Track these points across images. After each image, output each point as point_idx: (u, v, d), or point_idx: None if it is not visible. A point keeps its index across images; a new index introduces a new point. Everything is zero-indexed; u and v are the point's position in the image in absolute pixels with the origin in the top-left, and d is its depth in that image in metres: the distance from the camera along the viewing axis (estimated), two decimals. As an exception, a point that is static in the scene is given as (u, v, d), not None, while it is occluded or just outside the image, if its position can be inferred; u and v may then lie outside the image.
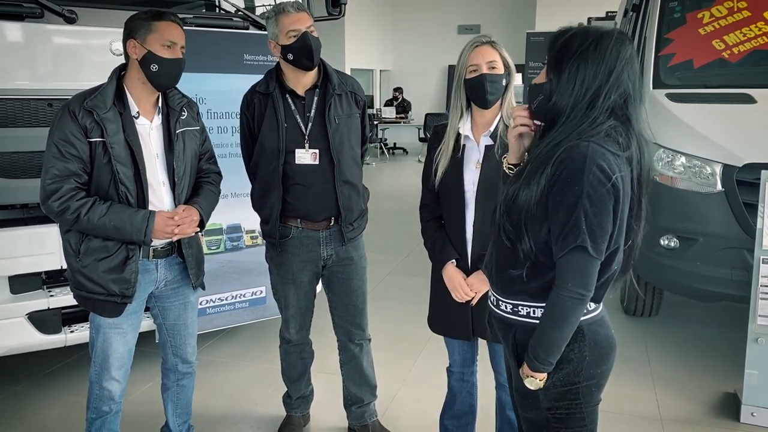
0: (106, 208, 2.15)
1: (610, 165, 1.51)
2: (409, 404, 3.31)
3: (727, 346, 3.92)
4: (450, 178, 2.25)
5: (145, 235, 2.18)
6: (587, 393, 1.68)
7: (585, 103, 1.56)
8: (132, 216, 2.17)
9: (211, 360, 3.80)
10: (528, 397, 1.71)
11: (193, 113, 2.42)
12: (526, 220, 1.59)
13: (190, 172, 2.37)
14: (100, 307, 2.26)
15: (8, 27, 2.88)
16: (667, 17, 4.49)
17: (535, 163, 1.60)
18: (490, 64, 2.17)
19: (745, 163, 3.49)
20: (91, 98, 2.15)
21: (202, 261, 2.50)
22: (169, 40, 2.19)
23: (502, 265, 1.72)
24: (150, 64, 2.18)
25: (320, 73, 2.58)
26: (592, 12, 11.43)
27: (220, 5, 3.54)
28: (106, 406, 2.38)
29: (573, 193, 1.51)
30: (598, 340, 1.68)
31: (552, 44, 1.63)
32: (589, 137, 1.53)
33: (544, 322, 1.62)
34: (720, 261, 3.55)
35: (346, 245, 2.67)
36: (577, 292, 1.56)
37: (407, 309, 4.60)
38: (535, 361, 1.63)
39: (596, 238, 1.53)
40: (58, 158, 2.11)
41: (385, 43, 17.00)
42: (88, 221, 2.13)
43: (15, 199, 2.98)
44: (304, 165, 2.55)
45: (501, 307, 1.75)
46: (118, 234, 2.17)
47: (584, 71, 1.56)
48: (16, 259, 2.98)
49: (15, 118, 2.93)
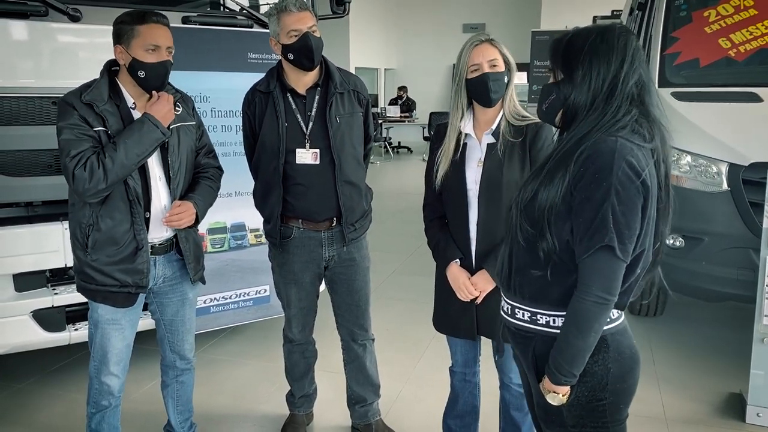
0: (113, 144, 2.13)
1: (639, 161, 1.46)
2: (413, 403, 3.30)
3: (732, 347, 3.91)
4: (452, 177, 2.24)
5: (158, 126, 2.17)
6: (615, 410, 1.60)
7: (605, 94, 1.52)
8: (135, 131, 2.15)
9: (215, 358, 3.81)
10: (551, 413, 1.63)
11: (188, 108, 2.42)
12: (549, 218, 1.52)
13: (186, 167, 2.37)
14: (112, 298, 2.27)
15: (13, 25, 2.88)
16: (672, 15, 4.47)
17: (557, 159, 1.54)
18: (491, 63, 2.15)
19: (752, 162, 3.47)
20: (87, 92, 2.17)
21: (200, 256, 2.50)
22: (152, 44, 2.17)
23: (520, 267, 1.64)
24: (137, 71, 2.19)
25: (322, 72, 2.57)
26: (597, 11, 11.40)
27: (224, 3, 3.54)
28: (105, 400, 2.40)
29: (601, 190, 1.44)
30: (622, 351, 1.59)
31: (555, 48, 1.61)
32: (616, 132, 1.48)
33: (565, 330, 1.53)
34: (726, 261, 3.53)
35: (348, 246, 2.66)
36: (601, 296, 1.47)
37: (410, 308, 4.60)
38: (557, 374, 1.54)
39: (624, 239, 1.45)
40: (74, 140, 2.12)
41: (389, 41, 16.98)
42: (113, 162, 2.10)
43: (19, 197, 2.98)
44: (304, 165, 2.53)
45: (517, 315, 1.66)
46: (141, 147, 2.14)
47: (597, 64, 1.52)
48: (21, 257, 2.98)
49: (19, 116, 2.93)
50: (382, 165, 13.55)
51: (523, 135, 2.19)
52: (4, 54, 2.88)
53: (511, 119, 2.21)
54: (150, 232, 2.29)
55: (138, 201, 2.22)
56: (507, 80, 2.20)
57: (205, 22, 3.37)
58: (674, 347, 3.99)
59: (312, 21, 2.46)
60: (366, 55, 15.57)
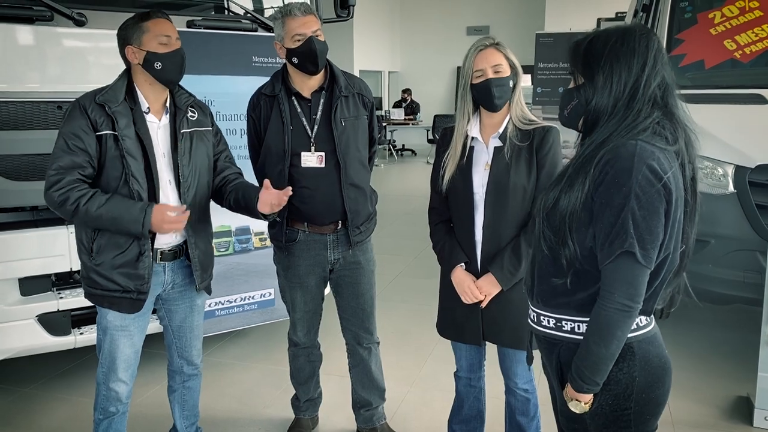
0: (105, 199, 2.14)
1: (660, 164, 1.43)
2: (419, 407, 3.29)
3: (739, 350, 3.88)
4: (459, 181, 2.24)
5: (143, 227, 2.15)
6: (641, 421, 1.55)
7: (626, 98, 1.50)
8: (130, 207, 2.15)
9: (220, 362, 3.81)
10: (575, 422, 1.61)
11: (205, 115, 2.43)
12: (570, 224, 1.50)
13: (198, 172, 2.36)
14: (117, 304, 2.27)
15: (18, 30, 2.89)
16: (677, 17, 4.46)
17: (577, 165, 1.52)
18: (495, 68, 2.15)
19: (758, 164, 3.46)
20: (102, 93, 2.19)
21: (208, 265, 2.49)
22: (163, 36, 2.21)
23: (543, 275, 1.62)
24: (153, 64, 2.20)
25: (327, 75, 2.57)
26: (601, 13, 11.40)
27: (228, 7, 3.54)
28: (113, 406, 2.39)
29: (620, 194, 1.42)
30: (650, 359, 1.55)
31: (575, 51, 1.59)
32: (636, 135, 1.46)
33: (588, 338, 1.51)
34: (732, 263, 3.52)
35: (354, 249, 2.66)
36: (624, 303, 1.44)
37: (416, 311, 4.59)
38: (579, 381, 1.52)
39: (645, 244, 1.42)
40: (65, 151, 2.14)
41: (393, 44, 17.01)
42: (86, 212, 2.12)
43: (25, 202, 2.99)
44: (309, 168, 2.53)
45: (543, 322, 1.65)
46: (116, 225, 2.15)
47: (618, 69, 1.50)
48: (27, 261, 3.00)
49: (25, 120, 2.94)
50: (386, 168, 13.55)
51: (530, 139, 2.19)
52: (9, 58, 2.90)
53: (518, 123, 2.20)
54: (159, 238, 2.29)
55: None
56: (512, 84, 2.19)
57: (209, 26, 3.39)
58: (681, 350, 3.97)
59: (316, 25, 2.46)
60: (370, 58, 15.59)
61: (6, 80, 2.89)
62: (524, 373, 2.33)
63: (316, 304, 2.78)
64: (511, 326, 2.23)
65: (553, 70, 9.71)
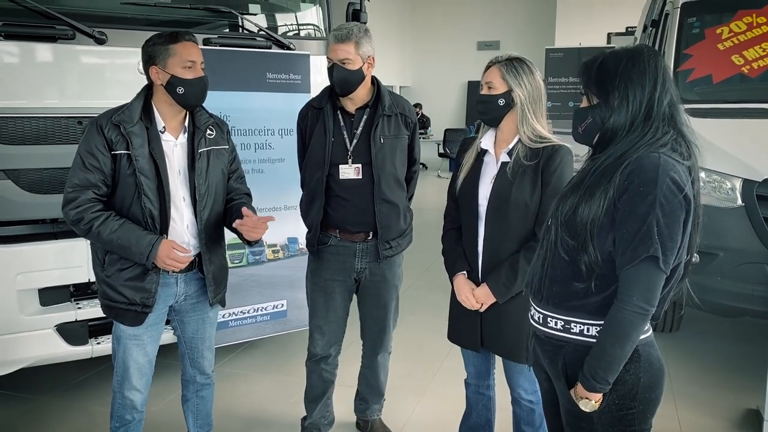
0: (118, 224, 2.20)
1: (681, 177, 1.52)
2: (428, 417, 3.32)
3: (748, 362, 3.88)
4: (467, 191, 2.31)
5: (147, 260, 2.22)
6: (642, 419, 1.64)
7: (643, 115, 1.58)
8: (139, 238, 2.21)
9: (233, 372, 3.85)
10: (582, 420, 1.66)
11: (222, 133, 2.46)
12: (591, 231, 1.57)
13: (214, 190, 2.40)
14: (122, 316, 2.32)
15: (41, 48, 2.98)
16: (685, 33, 4.50)
17: (597, 175, 1.59)
18: (488, 85, 2.23)
19: (765, 178, 3.48)
20: (119, 113, 2.23)
21: (222, 279, 2.52)
22: (189, 61, 2.24)
23: (559, 279, 1.67)
24: (176, 88, 2.24)
25: (373, 93, 2.66)
26: (610, 27, 11.42)
27: (243, 25, 3.62)
28: (128, 414, 2.44)
29: (645, 203, 1.50)
30: (653, 362, 1.64)
31: (586, 73, 1.66)
32: (657, 149, 1.54)
33: (603, 339, 1.58)
34: (741, 276, 3.53)
35: (381, 262, 2.73)
36: (641, 306, 1.52)
37: (427, 323, 4.61)
38: (591, 380, 1.58)
39: (666, 250, 1.50)
40: (81, 169, 2.20)
41: (404, 59, 17.10)
42: (98, 235, 2.20)
43: (45, 214, 3.06)
44: (347, 179, 2.63)
45: (549, 324, 1.70)
46: (123, 252, 2.23)
47: (633, 89, 1.58)
48: (46, 272, 3.06)
49: (47, 135, 3.02)
50: (397, 181, 13.55)
51: (538, 158, 2.19)
52: (32, 76, 2.98)
53: (527, 141, 2.21)
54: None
55: (154, 223, 2.26)
56: (504, 103, 2.20)
57: (225, 44, 3.46)
58: (690, 363, 3.97)
59: (344, 54, 2.51)
60: (381, 72, 15.43)
61: (28, 96, 2.98)
62: (528, 384, 2.37)
63: (338, 316, 2.81)
64: (509, 339, 2.29)
65: (563, 85, 9.75)
